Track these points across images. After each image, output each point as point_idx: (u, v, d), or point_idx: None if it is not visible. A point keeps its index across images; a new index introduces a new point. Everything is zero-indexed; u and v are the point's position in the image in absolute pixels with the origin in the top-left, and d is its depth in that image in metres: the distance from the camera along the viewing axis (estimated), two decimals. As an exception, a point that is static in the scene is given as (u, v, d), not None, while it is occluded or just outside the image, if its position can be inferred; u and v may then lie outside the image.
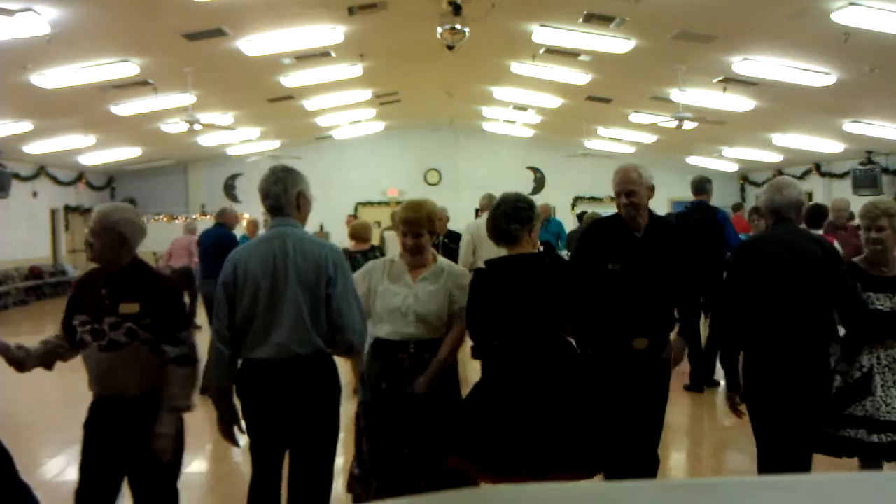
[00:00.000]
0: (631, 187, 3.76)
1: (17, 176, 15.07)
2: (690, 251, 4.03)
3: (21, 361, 3.11)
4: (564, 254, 9.49)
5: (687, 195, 7.72)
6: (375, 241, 8.49)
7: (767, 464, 3.50)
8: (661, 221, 4.01)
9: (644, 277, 3.74)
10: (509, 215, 3.40)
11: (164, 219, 18.95)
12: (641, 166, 3.90)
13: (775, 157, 17.14)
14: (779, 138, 15.22)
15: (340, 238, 12.73)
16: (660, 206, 11.90)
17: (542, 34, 10.41)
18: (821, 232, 8.24)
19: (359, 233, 6.95)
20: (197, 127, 11.64)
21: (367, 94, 15.35)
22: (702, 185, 7.22)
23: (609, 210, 4.74)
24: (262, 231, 8.50)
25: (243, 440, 3.32)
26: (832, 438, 3.52)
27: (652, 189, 3.85)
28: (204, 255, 7.71)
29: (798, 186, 3.67)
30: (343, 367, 4.57)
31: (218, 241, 7.32)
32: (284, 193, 3.24)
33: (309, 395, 3.18)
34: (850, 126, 13.07)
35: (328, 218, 18.39)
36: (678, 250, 3.89)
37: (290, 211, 3.26)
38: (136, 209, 3.45)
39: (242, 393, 3.27)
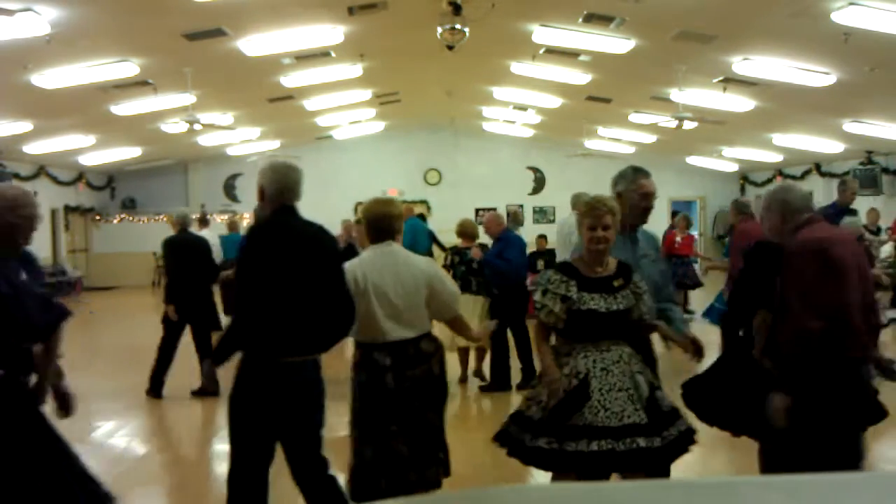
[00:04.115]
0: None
1: (17, 176, 15.04)
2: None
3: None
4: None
5: (687, 194, 7.75)
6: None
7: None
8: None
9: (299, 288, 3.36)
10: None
11: (165, 219, 18.94)
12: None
13: (775, 157, 17.14)
14: (779, 138, 15.23)
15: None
16: (660, 206, 11.85)
17: (542, 34, 10.41)
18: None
19: (467, 230, 7.72)
20: (197, 127, 11.64)
21: (367, 94, 15.35)
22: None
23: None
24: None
25: None
26: (558, 453, 3.33)
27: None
28: None
29: None
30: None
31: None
32: None
33: None
34: (850, 126, 13.08)
35: (328, 218, 18.33)
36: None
37: None
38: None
39: None
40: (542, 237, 12.66)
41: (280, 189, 3.35)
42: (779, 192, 3.55)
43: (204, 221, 11.18)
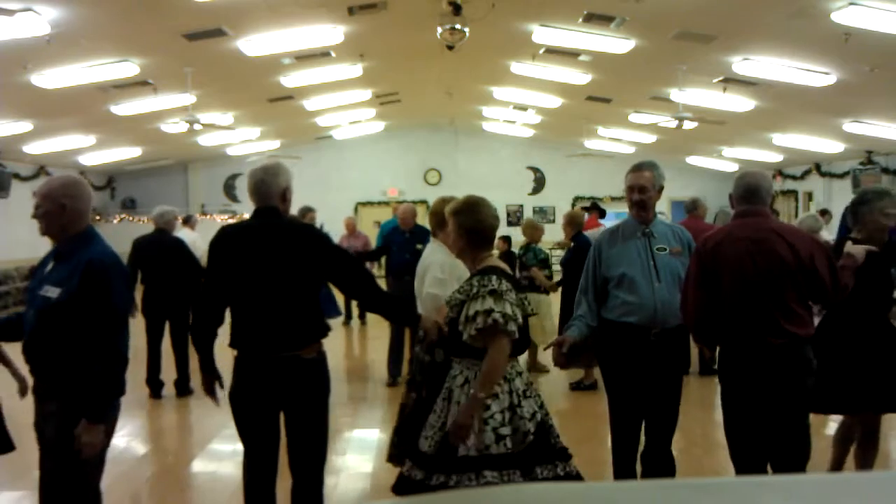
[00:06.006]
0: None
1: (17, 176, 15.06)
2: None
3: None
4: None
5: (687, 194, 7.69)
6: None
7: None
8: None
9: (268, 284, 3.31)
10: (848, 209, 4.04)
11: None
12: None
13: (775, 157, 17.14)
14: (779, 138, 15.22)
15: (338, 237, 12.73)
16: (660, 206, 11.86)
17: (542, 34, 10.41)
18: None
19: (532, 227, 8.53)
20: (197, 127, 11.64)
21: (367, 94, 15.35)
22: None
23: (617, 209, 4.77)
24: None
25: None
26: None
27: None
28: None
29: None
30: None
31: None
32: None
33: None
34: (850, 126, 13.07)
35: (328, 218, 18.39)
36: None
37: None
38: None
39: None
40: (503, 238, 11.86)
41: (249, 192, 3.44)
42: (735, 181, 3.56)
43: (188, 221, 11.16)
